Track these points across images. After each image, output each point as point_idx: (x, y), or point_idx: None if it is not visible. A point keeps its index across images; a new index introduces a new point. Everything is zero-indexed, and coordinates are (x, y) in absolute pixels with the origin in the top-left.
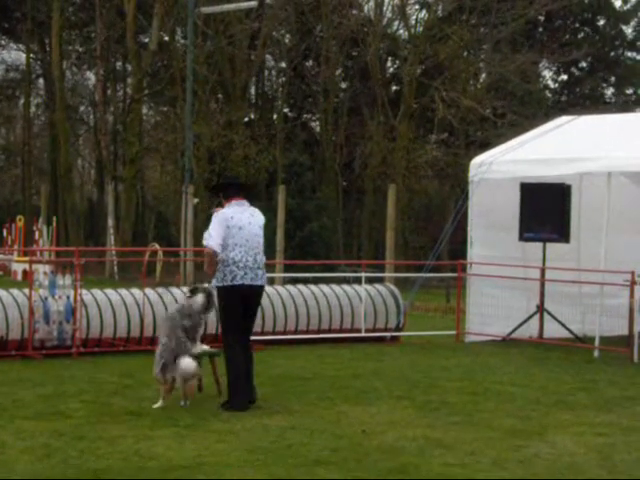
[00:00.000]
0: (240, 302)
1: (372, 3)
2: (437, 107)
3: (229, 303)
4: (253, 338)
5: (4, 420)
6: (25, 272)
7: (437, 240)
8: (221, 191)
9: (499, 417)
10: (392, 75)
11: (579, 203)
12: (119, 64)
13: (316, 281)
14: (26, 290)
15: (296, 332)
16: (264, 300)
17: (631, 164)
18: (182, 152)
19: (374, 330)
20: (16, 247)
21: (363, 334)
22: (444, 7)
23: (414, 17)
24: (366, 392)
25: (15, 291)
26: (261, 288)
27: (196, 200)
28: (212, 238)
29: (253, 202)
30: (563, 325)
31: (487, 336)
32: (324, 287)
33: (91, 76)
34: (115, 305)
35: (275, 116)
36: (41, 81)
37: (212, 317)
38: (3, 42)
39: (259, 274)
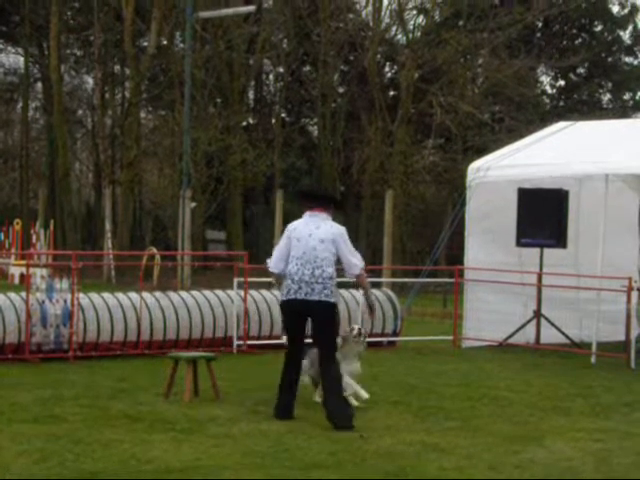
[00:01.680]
0: (295, 318)
1: (370, 8)
2: (435, 112)
3: (284, 318)
4: (250, 343)
5: (1, 423)
6: (22, 276)
7: (434, 245)
8: (302, 201)
9: (496, 422)
10: (390, 80)
11: (577, 209)
12: (117, 68)
13: None
14: (23, 294)
15: None
16: (261, 304)
17: (629, 166)
18: (180, 156)
19: (371, 335)
20: (13, 251)
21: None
22: (441, 12)
23: (412, 22)
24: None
25: (12, 295)
26: (318, 304)
27: (194, 204)
28: (273, 255)
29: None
30: (560, 331)
31: (484, 341)
32: None
33: (89, 80)
34: (112, 309)
35: (273, 121)
36: (39, 85)
37: (196, 321)
38: (1, 46)
39: (316, 289)
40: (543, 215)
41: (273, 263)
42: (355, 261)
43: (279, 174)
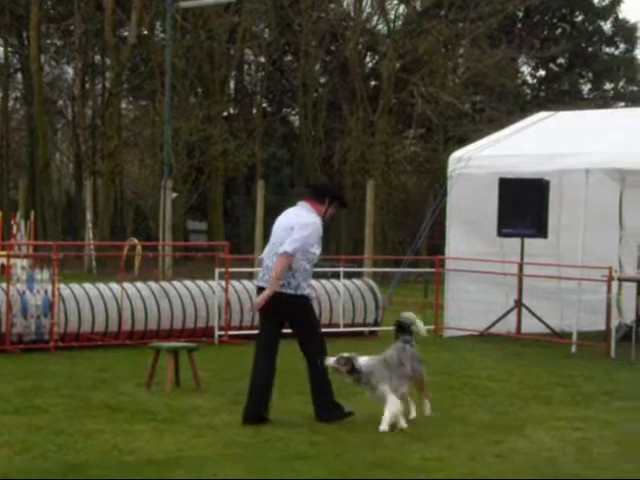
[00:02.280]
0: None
1: None
2: (416, 102)
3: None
4: (232, 333)
5: None
6: (3, 266)
7: (416, 235)
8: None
9: (477, 412)
10: (371, 70)
11: (558, 198)
12: (98, 58)
13: None
14: (4, 284)
15: None
16: (243, 295)
17: (609, 160)
18: (161, 146)
19: (352, 325)
20: None
21: (341, 329)
22: (423, 2)
23: (393, 12)
24: (344, 387)
25: None
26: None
27: (175, 194)
28: None
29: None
30: (541, 320)
31: (465, 331)
32: None
33: (69, 70)
34: (93, 300)
35: (254, 110)
36: (19, 75)
37: (178, 312)
38: None
39: (291, 283)
40: (524, 205)
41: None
42: (286, 243)
43: (260, 164)
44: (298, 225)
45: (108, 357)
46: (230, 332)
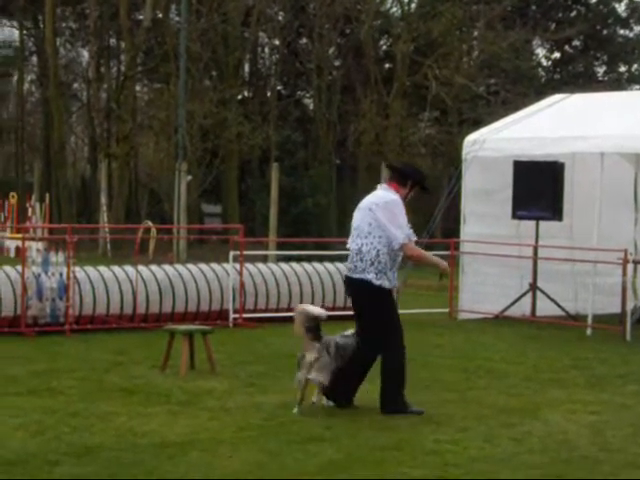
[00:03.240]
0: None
1: None
2: (430, 85)
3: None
4: (246, 316)
5: None
6: (18, 249)
7: (430, 218)
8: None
9: (491, 394)
10: (385, 53)
11: (572, 181)
12: (113, 41)
13: (309, 259)
14: (19, 267)
15: (289, 310)
16: (257, 278)
17: (624, 143)
18: (175, 129)
19: None
20: (9, 224)
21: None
22: None
23: None
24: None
25: (8, 268)
26: (355, 281)
27: (189, 177)
28: None
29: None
30: (556, 303)
31: (480, 314)
32: (317, 265)
33: (85, 53)
34: (108, 282)
35: (269, 93)
36: (34, 58)
37: (192, 295)
38: None
39: (358, 266)
40: (539, 187)
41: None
42: (394, 232)
43: (274, 147)
44: (379, 207)
45: (123, 340)
46: (244, 315)
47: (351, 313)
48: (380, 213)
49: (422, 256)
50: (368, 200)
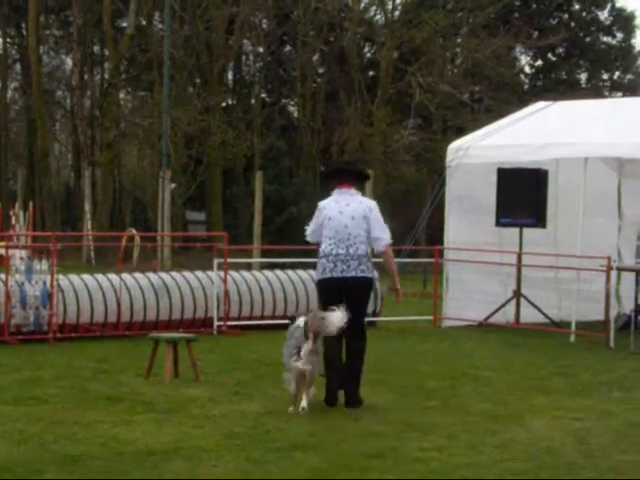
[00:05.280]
0: (332, 295)
1: None
2: (414, 92)
3: (321, 297)
4: (231, 324)
5: None
6: (1, 257)
7: (414, 225)
8: (330, 179)
9: (476, 402)
10: (369, 60)
11: (556, 188)
12: (96, 48)
13: (294, 266)
14: (2, 275)
15: (273, 317)
16: (241, 285)
17: (607, 150)
18: (159, 137)
19: None
20: None
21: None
22: None
23: (391, 2)
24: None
25: None
26: (355, 279)
27: (173, 185)
28: (310, 226)
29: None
30: (539, 310)
31: (464, 321)
32: (301, 272)
33: (68, 60)
34: (92, 290)
35: (253, 101)
36: (18, 66)
37: (176, 302)
38: None
39: (352, 265)
40: (523, 195)
41: (311, 234)
42: (381, 235)
43: (259, 155)
44: (372, 214)
45: (107, 348)
46: (229, 322)
47: None
48: (373, 219)
49: (393, 263)
50: (357, 210)
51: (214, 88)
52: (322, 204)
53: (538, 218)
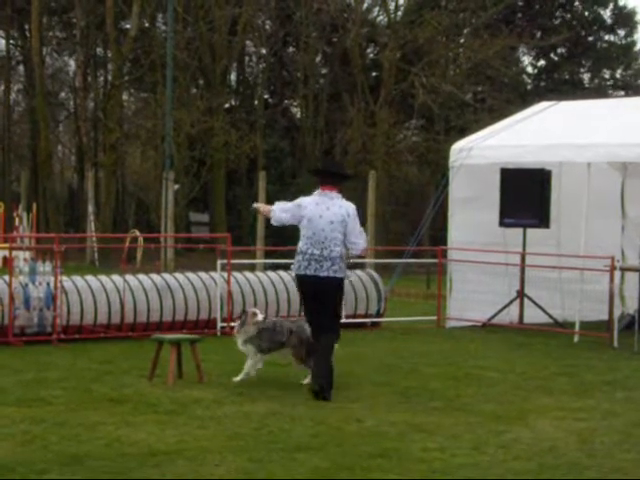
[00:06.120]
0: (307, 292)
1: None
2: (417, 92)
3: (299, 291)
4: (234, 324)
5: None
6: (5, 259)
7: (418, 226)
8: (316, 177)
9: (479, 402)
10: (372, 61)
11: (559, 188)
12: (99, 50)
13: None
14: (6, 277)
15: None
16: (245, 286)
17: (611, 150)
18: (162, 138)
19: (355, 316)
20: None
21: (343, 320)
22: None
23: (393, 3)
24: (346, 378)
25: None
26: (327, 279)
27: (176, 186)
28: (279, 207)
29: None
30: (543, 310)
31: (468, 322)
32: None
33: (71, 62)
34: (95, 292)
35: (256, 102)
36: (21, 67)
37: (180, 304)
38: None
39: (325, 265)
40: (526, 195)
41: (277, 218)
42: (357, 240)
43: (262, 156)
44: (350, 219)
45: (110, 349)
46: (232, 324)
47: (343, 321)
48: (351, 223)
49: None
50: (335, 214)
51: (217, 89)
52: (303, 202)
53: (541, 218)
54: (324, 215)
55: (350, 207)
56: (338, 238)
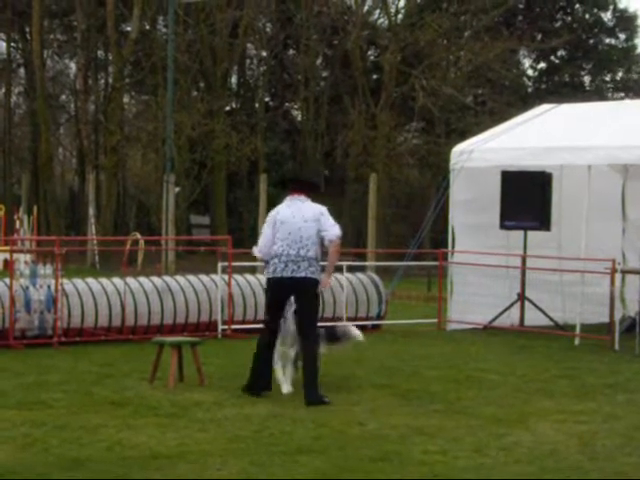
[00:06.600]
0: (280, 295)
1: None
2: (417, 95)
3: (268, 294)
4: (235, 327)
5: None
6: (6, 261)
7: (418, 228)
8: (284, 187)
9: (480, 405)
10: (373, 63)
11: (560, 191)
12: (100, 53)
13: None
14: (7, 280)
15: None
16: (245, 289)
17: (611, 156)
18: (163, 141)
19: (356, 319)
20: None
21: (344, 323)
22: None
23: (394, 5)
24: (348, 381)
25: None
26: (305, 280)
27: (177, 189)
28: (260, 241)
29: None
30: (544, 313)
31: (468, 324)
32: None
33: (72, 65)
34: (96, 294)
35: (256, 105)
36: (22, 70)
37: (181, 306)
38: None
39: (302, 266)
40: (527, 197)
41: (260, 249)
42: (331, 228)
43: (262, 158)
44: (323, 216)
45: (111, 352)
46: (233, 326)
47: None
48: (324, 219)
49: (335, 258)
50: (308, 213)
51: (218, 92)
52: (274, 211)
53: (542, 221)
54: (297, 215)
55: (322, 207)
56: (314, 237)
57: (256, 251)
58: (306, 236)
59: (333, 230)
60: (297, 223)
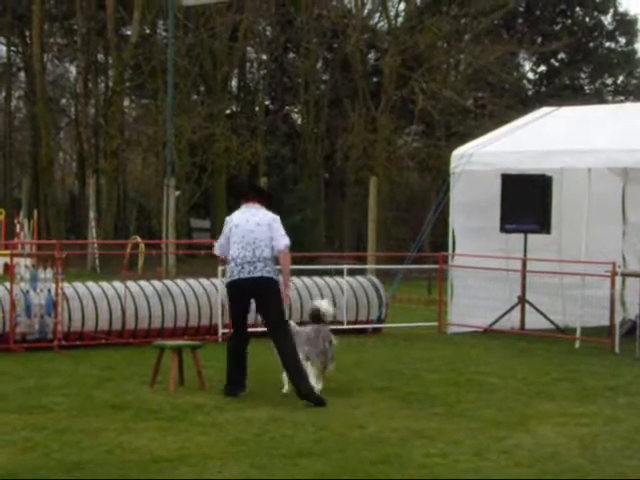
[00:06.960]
0: (240, 297)
1: None
2: (417, 98)
3: (229, 298)
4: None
5: None
6: (6, 265)
7: (419, 232)
8: (239, 195)
9: (481, 408)
10: (372, 67)
11: (560, 194)
12: (100, 57)
13: (298, 273)
14: (7, 284)
15: None
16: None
17: (611, 159)
18: (163, 144)
19: (356, 322)
20: None
21: (345, 326)
22: None
23: (394, 9)
24: (348, 384)
25: None
26: (262, 279)
27: (177, 192)
28: (219, 241)
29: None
30: (544, 316)
31: (469, 327)
32: (306, 279)
33: (72, 69)
34: (97, 298)
35: (256, 108)
36: (22, 74)
37: (181, 310)
38: None
39: (258, 266)
40: (527, 201)
41: (219, 248)
42: (281, 239)
43: (263, 162)
44: (275, 223)
45: (112, 356)
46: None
47: (341, 327)
48: (275, 228)
49: (287, 266)
50: (262, 219)
51: (218, 95)
52: (230, 217)
53: (542, 224)
54: (250, 219)
55: (275, 216)
56: (267, 239)
57: (216, 249)
58: (260, 238)
59: (283, 240)
60: (250, 226)
